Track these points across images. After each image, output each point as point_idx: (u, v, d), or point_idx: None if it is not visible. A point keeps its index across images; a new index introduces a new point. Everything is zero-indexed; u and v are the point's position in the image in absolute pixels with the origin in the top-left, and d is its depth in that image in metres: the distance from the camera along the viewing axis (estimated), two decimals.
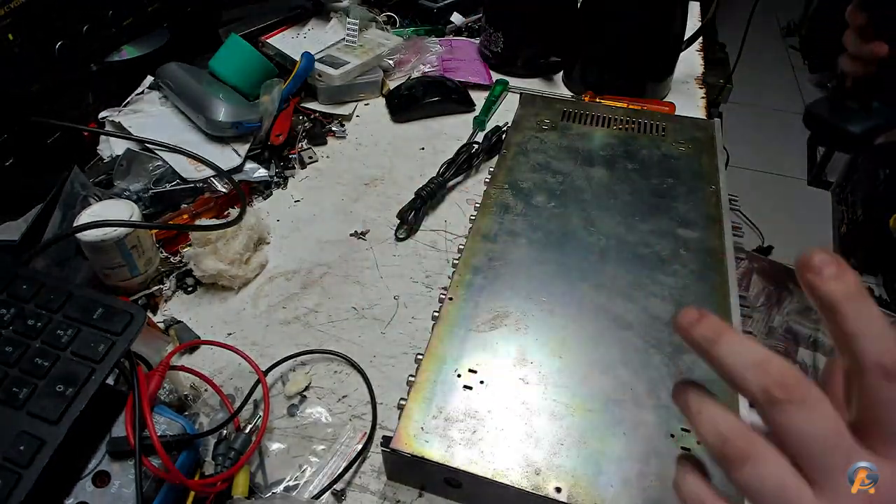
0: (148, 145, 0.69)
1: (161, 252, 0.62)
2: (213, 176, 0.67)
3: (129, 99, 0.78)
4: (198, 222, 0.62)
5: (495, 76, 0.91)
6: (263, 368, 0.52)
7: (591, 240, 0.55)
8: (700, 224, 0.57)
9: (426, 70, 0.91)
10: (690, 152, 0.66)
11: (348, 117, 0.84)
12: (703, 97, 0.89)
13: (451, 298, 0.50)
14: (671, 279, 0.52)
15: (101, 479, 0.39)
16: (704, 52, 0.98)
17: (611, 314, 0.49)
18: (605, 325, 0.48)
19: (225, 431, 0.47)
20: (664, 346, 0.47)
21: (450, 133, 0.82)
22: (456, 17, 1.03)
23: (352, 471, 0.47)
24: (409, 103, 0.84)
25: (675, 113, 0.80)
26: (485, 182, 0.62)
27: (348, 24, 0.88)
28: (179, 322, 0.57)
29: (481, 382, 0.45)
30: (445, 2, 1.02)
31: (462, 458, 0.41)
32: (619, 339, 0.47)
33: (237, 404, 0.50)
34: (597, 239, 0.55)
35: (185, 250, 0.61)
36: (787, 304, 0.72)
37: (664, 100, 0.87)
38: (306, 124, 0.82)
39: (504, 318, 0.49)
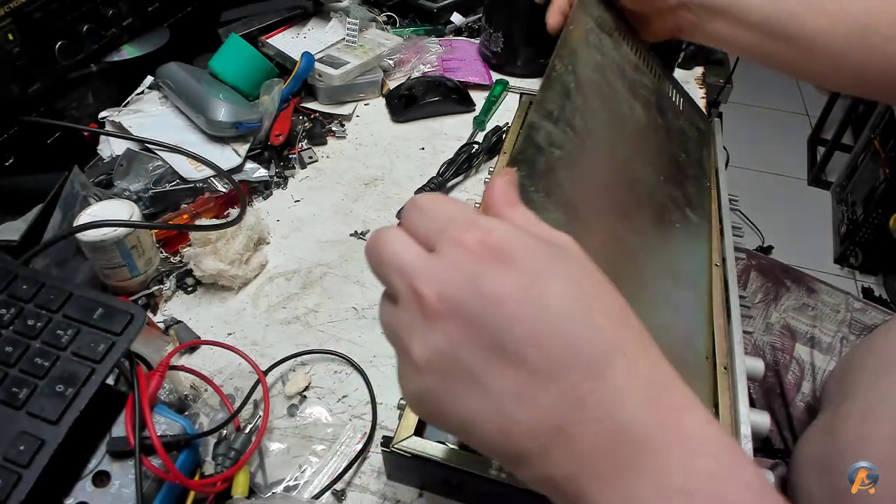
0: (148, 145, 0.69)
1: (161, 252, 0.62)
2: (213, 176, 0.67)
3: (129, 99, 0.78)
4: (198, 222, 0.62)
5: (495, 76, 0.91)
6: (263, 368, 0.52)
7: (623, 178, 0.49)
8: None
9: (426, 70, 0.91)
10: (696, 137, 0.65)
11: (348, 117, 0.84)
12: (703, 97, 0.89)
13: None
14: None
15: (101, 479, 0.39)
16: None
17: None
18: None
19: (225, 431, 0.47)
20: None
21: (450, 133, 0.82)
22: (456, 17, 1.03)
23: (352, 471, 0.47)
24: (409, 103, 0.84)
25: None
26: (484, 182, 0.62)
27: (348, 24, 0.88)
28: (179, 322, 0.57)
29: None
30: (445, 2, 1.02)
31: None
32: None
33: (237, 404, 0.50)
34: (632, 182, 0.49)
35: (185, 250, 0.61)
36: (785, 300, 0.72)
37: None
38: (306, 124, 0.82)
39: None
